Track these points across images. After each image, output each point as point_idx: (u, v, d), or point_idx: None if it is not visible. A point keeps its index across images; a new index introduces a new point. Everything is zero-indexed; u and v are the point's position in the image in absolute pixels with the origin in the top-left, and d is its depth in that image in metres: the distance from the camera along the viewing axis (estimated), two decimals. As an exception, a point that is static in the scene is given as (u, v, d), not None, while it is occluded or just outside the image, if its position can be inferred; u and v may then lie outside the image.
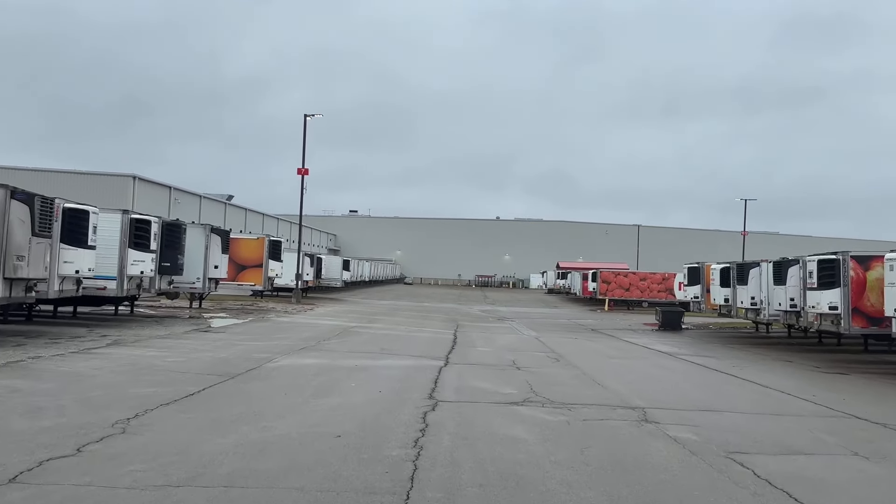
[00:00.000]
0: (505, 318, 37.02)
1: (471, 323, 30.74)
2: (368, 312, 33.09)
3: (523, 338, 24.35)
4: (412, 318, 31.82)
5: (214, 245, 23.95)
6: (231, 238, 28.05)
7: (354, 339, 19.94)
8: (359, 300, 48.06)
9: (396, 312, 35.29)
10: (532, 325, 31.56)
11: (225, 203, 66.04)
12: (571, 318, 38.57)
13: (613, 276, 51.07)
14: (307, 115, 35.56)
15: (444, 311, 40.52)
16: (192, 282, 23.42)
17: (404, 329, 24.56)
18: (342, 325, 24.12)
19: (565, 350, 19.92)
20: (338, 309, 34.49)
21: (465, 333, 24.27)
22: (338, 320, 26.64)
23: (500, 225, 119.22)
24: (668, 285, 50.83)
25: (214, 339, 17.49)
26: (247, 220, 71.96)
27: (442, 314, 36.57)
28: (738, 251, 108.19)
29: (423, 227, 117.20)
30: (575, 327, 31.44)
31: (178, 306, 28.08)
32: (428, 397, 10.68)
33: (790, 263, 22.10)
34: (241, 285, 27.92)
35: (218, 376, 11.63)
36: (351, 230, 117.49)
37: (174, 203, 54.69)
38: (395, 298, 54.19)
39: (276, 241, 29.17)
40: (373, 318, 28.82)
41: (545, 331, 28.00)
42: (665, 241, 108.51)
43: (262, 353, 14.98)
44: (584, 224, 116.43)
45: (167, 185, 54.06)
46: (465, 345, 20.18)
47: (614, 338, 26.08)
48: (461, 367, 14.87)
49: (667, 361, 18.25)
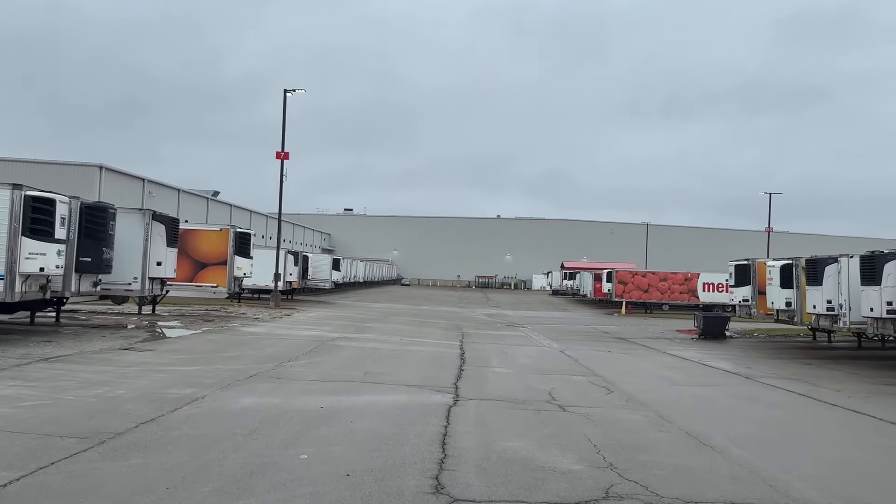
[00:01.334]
0: (515, 323, 32.29)
1: (477, 330, 26.01)
2: (358, 318, 28.30)
3: (546, 351, 19.62)
4: (409, 324, 27.06)
5: (157, 236, 19.06)
6: (185, 229, 23.19)
7: (332, 357, 15.16)
8: (350, 303, 43.26)
9: (391, 318, 30.52)
10: (548, 332, 26.83)
11: (208, 198, 61.15)
12: (590, 324, 33.84)
13: (630, 277, 46.34)
14: (287, 91, 30.79)
15: (445, 315, 35.78)
16: (127, 283, 18.59)
17: (399, 340, 19.81)
18: (322, 337, 19.35)
19: (606, 370, 15.17)
20: (323, 314, 29.69)
21: (474, 346, 19.54)
22: (319, 329, 21.86)
23: (501, 224, 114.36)
24: (690, 286, 46.13)
25: (131, 361, 12.68)
26: (232, 216, 67.06)
27: (443, 319, 31.82)
28: (754, 251, 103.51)
29: (421, 226, 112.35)
30: (598, 335, 26.72)
31: (128, 312, 23.28)
32: (433, 490, 5.91)
33: (888, 258, 17.34)
34: (201, 286, 23.06)
35: (73, 443, 6.86)
36: (346, 230, 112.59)
37: (148, 197, 49.83)
38: (390, 301, 49.40)
39: (244, 234, 24.14)
40: (362, 327, 24.05)
41: (567, 340, 23.28)
42: (673, 241, 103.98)
43: (184, 388, 10.19)
44: (588, 223, 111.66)
45: (140, 177, 49.19)
46: (478, 363, 15.45)
47: (654, 350, 21.38)
48: (479, 405, 10.14)
49: (754, 390, 13.50)
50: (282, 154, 30.50)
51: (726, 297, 47.41)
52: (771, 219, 62.56)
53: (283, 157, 30.52)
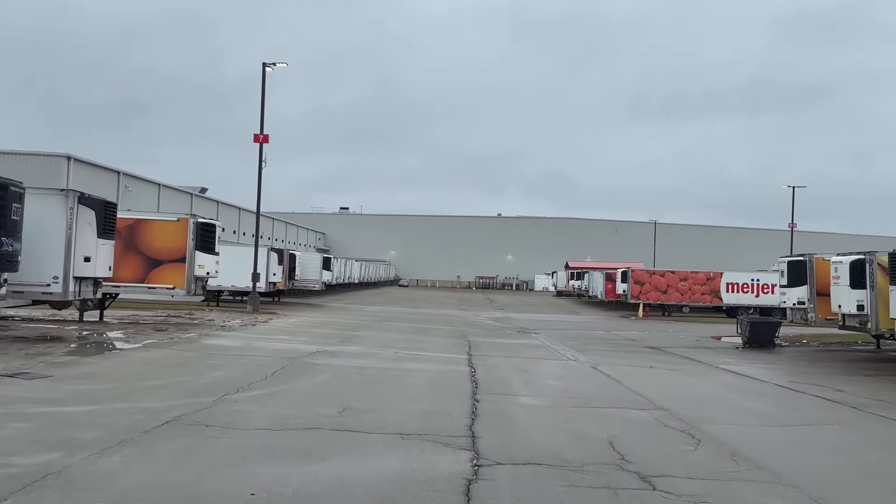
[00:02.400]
0: (525, 329, 28.49)
1: (485, 338, 22.20)
2: (348, 325, 24.47)
3: (574, 367, 15.81)
4: (406, 332, 23.25)
5: (85, 224, 15.09)
6: (133, 219, 19.20)
7: (302, 383, 11.32)
8: (342, 306, 39.44)
9: (386, 324, 26.69)
10: (566, 340, 23.04)
11: (192, 194, 57.17)
12: (610, 329, 30.02)
13: (648, 277, 42.52)
14: (266, 65, 26.96)
15: (447, 319, 31.98)
16: (45, 283, 14.68)
17: (393, 355, 15.99)
18: (296, 352, 15.51)
19: (666, 398, 11.37)
20: (307, 320, 25.85)
21: (486, 360, 15.74)
22: (295, 340, 18.01)
23: (502, 222, 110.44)
24: (713, 287, 42.34)
25: (2, 397, 8.83)
26: (219, 214, 63.11)
27: (445, 325, 28.02)
28: (767, 249, 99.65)
29: (420, 225, 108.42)
30: (625, 343, 22.94)
31: (71, 319, 19.41)
32: None
33: None
34: (154, 288, 19.04)
35: None
36: (342, 229, 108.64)
37: (124, 191, 45.91)
38: (386, 303, 45.58)
39: (208, 225, 19.89)
40: (350, 336, 20.22)
41: (594, 351, 19.49)
42: (681, 240, 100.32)
43: (38, 454, 6.35)
44: (592, 221, 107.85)
45: (114, 170, 45.26)
46: (495, 388, 11.65)
47: (702, 363, 17.59)
48: (514, 478, 6.33)
49: (883, 431, 9.69)
50: (260, 137, 26.67)
51: (751, 299, 43.89)
52: (767, 220, 59.04)
53: (261, 140, 26.69)
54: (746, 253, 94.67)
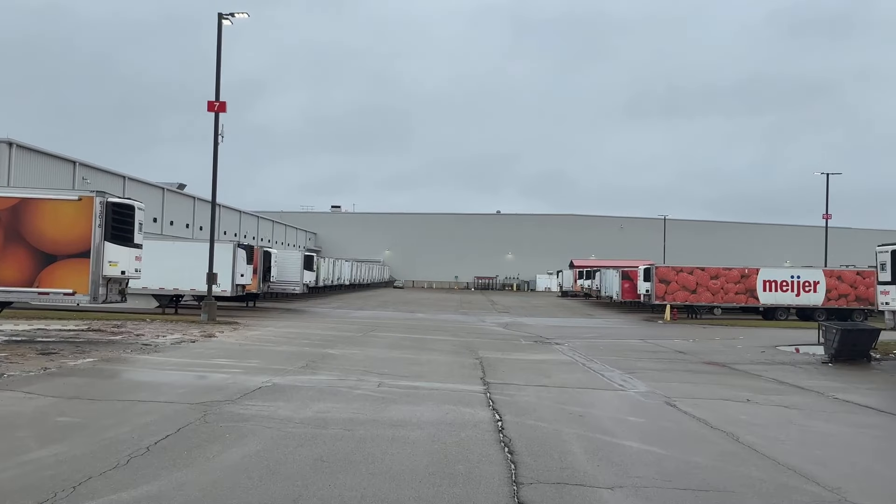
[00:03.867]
0: (543, 337, 23.43)
1: (500, 354, 17.13)
2: (323, 339, 19.34)
3: (641, 405, 10.74)
4: (398, 346, 18.14)
5: None
6: (13, 198, 13.77)
7: (188, 476, 6.16)
8: (327, 311, 34.33)
9: (374, 334, 21.57)
10: (600, 353, 18.02)
11: (164, 189, 51.81)
12: (643, 337, 24.98)
13: (674, 275, 37.44)
14: (223, 16, 21.74)
15: (448, 326, 26.85)
16: None
17: (376, 388, 10.88)
18: (228, 389, 10.37)
19: (824, 465, 6.30)
20: (274, 332, 20.70)
21: (513, 396, 10.65)
22: (238, 367, 12.83)
23: (501, 220, 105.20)
24: (748, 285, 37.32)
25: None
26: (195, 212, 57.95)
27: (446, 334, 22.91)
28: (784, 245, 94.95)
29: (415, 224, 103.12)
30: (676, 358, 17.95)
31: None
32: None
33: None
34: (47, 293, 13.71)
35: None
36: (333, 229, 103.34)
37: (81, 183, 40.72)
38: (378, 307, 40.43)
39: (122, 206, 13.99)
40: (320, 356, 15.07)
41: (644, 371, 14.46)
42: (689, 236, 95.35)
43: None
44: (595, 218, 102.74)
45: (68, 159, 40.03)
46: (545, 466, 6.62)
47: (802, 389, 12.65)
48: None
49: None
50: (215, 105, 21.51)
51: (791, 298, 38.88)
52: (767, 217, 53.98)
53: (217, 108, 21.53)
54: (762, 248, 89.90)
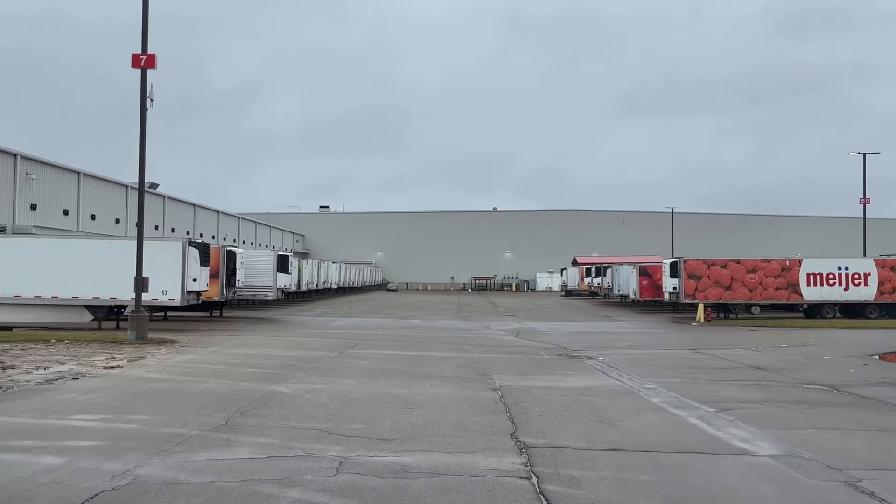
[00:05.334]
0: (570, 350, 18.51)
1: (525, 379, 12.23)
2: (283, 363, 14.34)
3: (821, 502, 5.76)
4: (382, 374, 13.15)
5: None
6: None
7: None
8: (306, 319, 29.33)
9: (353, 354, 16.60)
10: (659, 374, 13.17)
11: (127, 186, 46.55)
12: (695, 348, 20.13)
13: (706, 269, 32.57)
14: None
15: (448, 337, 21.85)
16: None
17: (329, 481, 5.98)
18: (35, 499, 5.33)
19: None
20: (216, 356, 15.66)
21: (581, 483, 5.72)
22: (103, 432, 7.85)
23: (498, 217, 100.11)
24: (790, 279, 32.51)
25: None
26: (166, 213, 52.78)
27: (447, 348, 17.96)
28: (800, 237, 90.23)
29: (409, 223, 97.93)
30: (761, 379, 13.16)
31: None
32: None
33: None
34: None
35: None
36: (322, 230, 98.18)
37: (25, 180, 35.63)
38: (366, 313, 35.42)
39: None
40: (261, 400, 10.10)
41: (742, 405, 9.66)
42: (696, 231, 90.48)
43: None
44: (595, 213, 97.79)
45: (10, 152, 34.81)
46: None
47: None
48: None
49: None
50: (142, 59, 16.46)
51: (839, 292, 33.96)
52: (763, 211, 49.22)
53: (144, 63, 16.49)
54: (778, 241, 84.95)
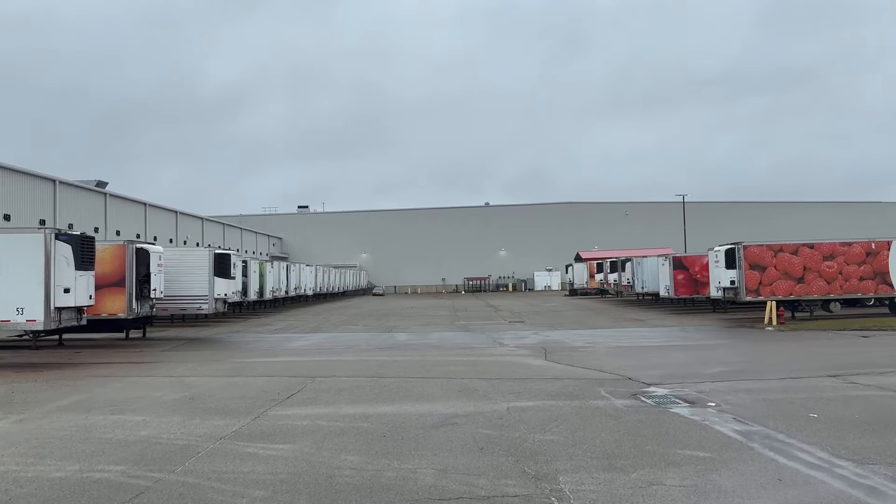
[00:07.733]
0: (650, 387, 11.26)
1: (636, 495, 4.95)
2: (77, 472, 6.93)
3: None
4: (319, 488, 5.84)
5: None
6: None
7: None
8: (256, 338, 22.01)
9: (274, 417, 9.36)
10: (841, 438, 5.89)
11: (55, 181, 38.92)
12: (837, 373, 12.92)
13: (771, 257, 25.49)
14: None
15: (448, 364, 14.44)
16: None
17: None
18: None
19: None
20: (32, 433, 8.29)
21: None
22: None
23: (491, 213, 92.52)
24: (878, 266, 25.54)
25: None
26: (108, 213, 45.12)
27: (452, 395, 10.69)
28: (804, 223, 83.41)
29: (395, 222, 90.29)
30: None
31: None
32: None
33: None
34: None
35: None
36: (301, 232, 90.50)
37: None
38: (342, 325, 28.03)
39: None
40: None
41: None
42: (703, 221, 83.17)
43: None
44: (594, 205, 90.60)
45: None
46: None
47: None
48: None
49: None
50: None
51: (937, 282, 27.17)
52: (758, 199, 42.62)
53: None
54: (786, 229, 78.33)
